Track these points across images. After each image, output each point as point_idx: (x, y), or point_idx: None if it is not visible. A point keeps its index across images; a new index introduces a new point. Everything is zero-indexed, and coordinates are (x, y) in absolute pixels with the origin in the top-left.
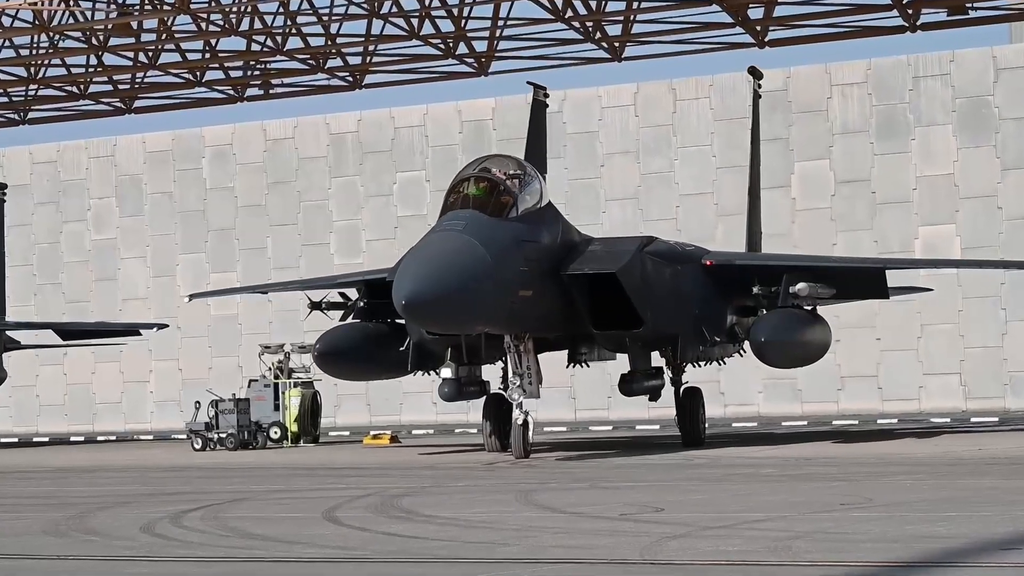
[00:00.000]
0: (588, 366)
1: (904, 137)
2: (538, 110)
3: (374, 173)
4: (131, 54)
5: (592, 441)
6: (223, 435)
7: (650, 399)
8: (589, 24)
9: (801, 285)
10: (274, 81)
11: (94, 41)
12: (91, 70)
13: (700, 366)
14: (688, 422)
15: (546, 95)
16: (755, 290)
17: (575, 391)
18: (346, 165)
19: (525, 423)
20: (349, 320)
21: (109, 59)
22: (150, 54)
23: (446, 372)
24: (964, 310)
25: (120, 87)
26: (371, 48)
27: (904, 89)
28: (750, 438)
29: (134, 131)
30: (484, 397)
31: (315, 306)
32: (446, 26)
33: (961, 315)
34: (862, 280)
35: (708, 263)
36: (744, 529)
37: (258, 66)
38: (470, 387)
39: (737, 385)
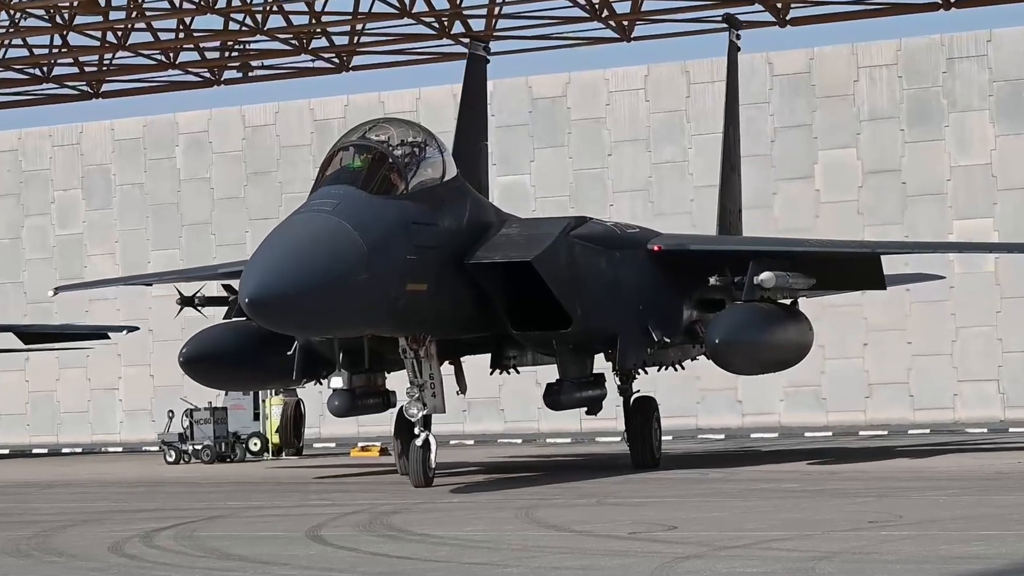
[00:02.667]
0: (518, 372)
1: (937, 123)
2: (475, 67)
3: None
4: (99, 34)
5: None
6: (198, 447)
7: (588, 412)
8: (596, 1)
9: (766, 275)
10: (254, 63)
11: (58, 19)
12: (55, 51)
13: (645, 372)
14: (638, 438)
15: (486, 48)
16: (713, 281)
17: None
18: None
19: (426, 444)
20: (234, 319)
21: (75, 39)
22: (119, 34)
23: (337, 382)
24: (1002, 311)
25: (87, 69)
26: (359, 27)
27: (937, 71)
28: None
29: (102, 117)
30: (390, 411)
31: (186, 301)
32: (440, 3)
33: (999, 317)
34: (850, 268)
35: (655, 248)
36: (764, 549)
37: (236, 47)
38: (368, 399)
39: (756, 392)
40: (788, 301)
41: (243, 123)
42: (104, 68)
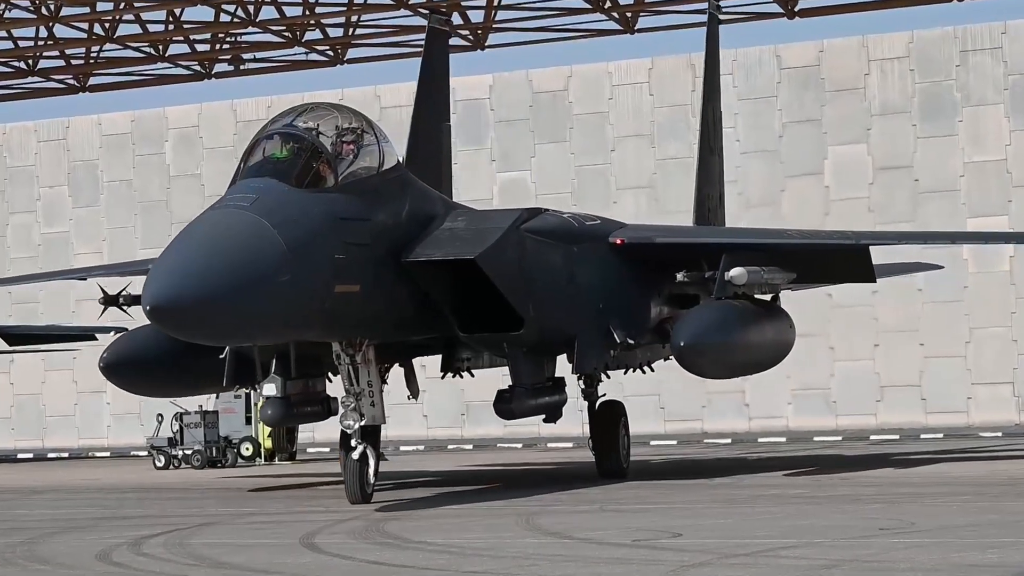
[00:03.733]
0: (472, 375)
1: (950, 118)
2: (436, 42)
3: None
4: (85, 25)
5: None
6: (188, 452)
7: (546, 420)
8: None
9: (737, 271)
10: (245, 56)
11: (44, 11)
12: (41, 43)
13: (607, 376)
14: (604, 445)
15: (447, 21)
16: (680, 277)
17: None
18: None
19: (363, 457)
20: None
21: (61, 31)
22: (107, 25)
23: (269, 388)
24: (1018, 312)
25: (73, 62)
26: (354, 19)
27: (950, 64)
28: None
29: (89, 112)
30: (330, 418)
31: (110, 301)
32: None
33: (1014, 317)
34: (835, 260)
35: (618, 242)
36: (772, 557)
37: (228, 39)
38: (305, 407)
39: (763, 396)
40: (769, 297)
41: (234, 118)
42: (91, 61)
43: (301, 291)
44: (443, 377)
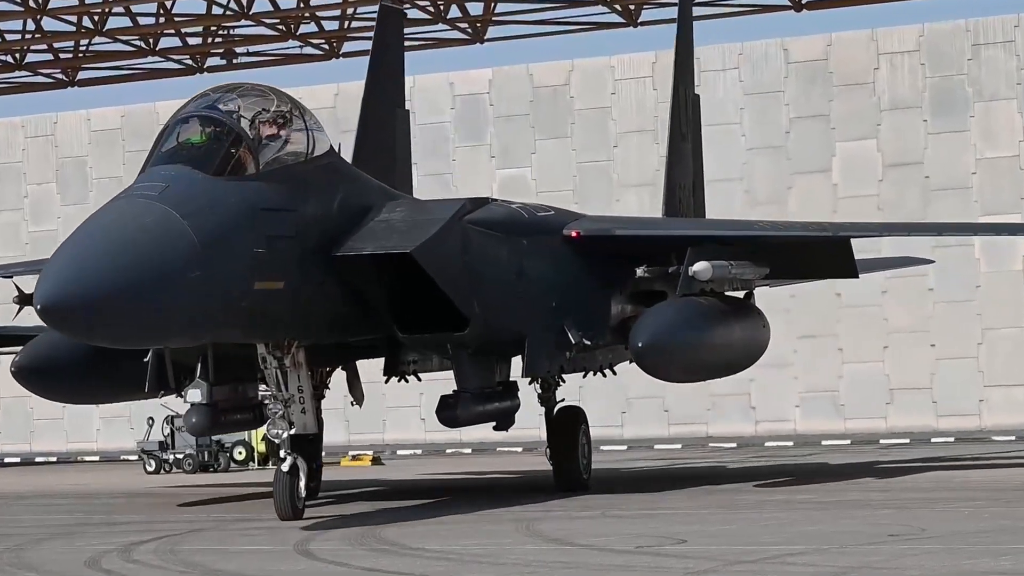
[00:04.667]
0: (419, 379)
1: (962, 113)
2: (388, 21)
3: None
4: (74, 18)
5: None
6: (180, 456)
7: (496, 428)
8: None
9: (700, 265)
10: (238, 49)
11: (31, 3)
12: (28, 36)
13: (562, 381)
14: (563, 455)
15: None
16: (640, 272)
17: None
18: None
19: (293, 469)
20: None
21: (49, 24)
22: (96, 18)
23: (194, 395)
24: None
25: (62, 56)
26: (350, 11)
27: (962, 58)
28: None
29: (78, 107)
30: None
31: (25, 300)
32: None
33: None
34: (813, 254)
35: (573, 234)
36: (779, 564)
37: (220, 32)
38: (234, 414)
39: (770, 398)
40: (742, 294)
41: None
42: (80, 55)
43: (215, 288)
44: (386, 381)
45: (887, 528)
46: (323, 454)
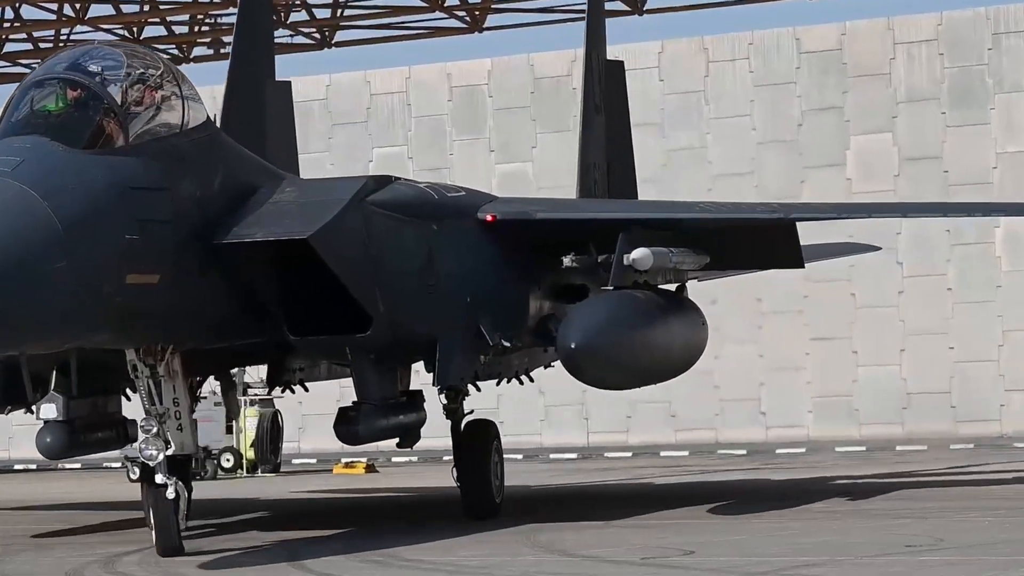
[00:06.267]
0: (306, 390)
1: (982, 105)
2: None
3: (346, 148)
4: (55, 6)
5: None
6: None
7: (400, 444)
8: None
9: (640, 252)
10: (226, 39)
11: None
12: (7, 25)
13: (477, 388)
14: (472, 475)
15: None
16: (567, 262)
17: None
18: (313, 139)
19: (175, 495)
20: None
21: (28, 12)
22: (78, 6)
23: (49, 410)
24: None
25: (42, 46)
26: None
27: (983, 48)
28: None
29: None
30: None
31: None
32: None
33: None
34: (756, 240)
35: (488, 218)
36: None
37: (207, 21)
38: (95, 432)
39: (781, 403)
40: (674, 286)
41: (214, 105)
42: (61, 44)
43: (82, 281)
44: (269, 393)
45: (904, 538)
46: (315, 461)
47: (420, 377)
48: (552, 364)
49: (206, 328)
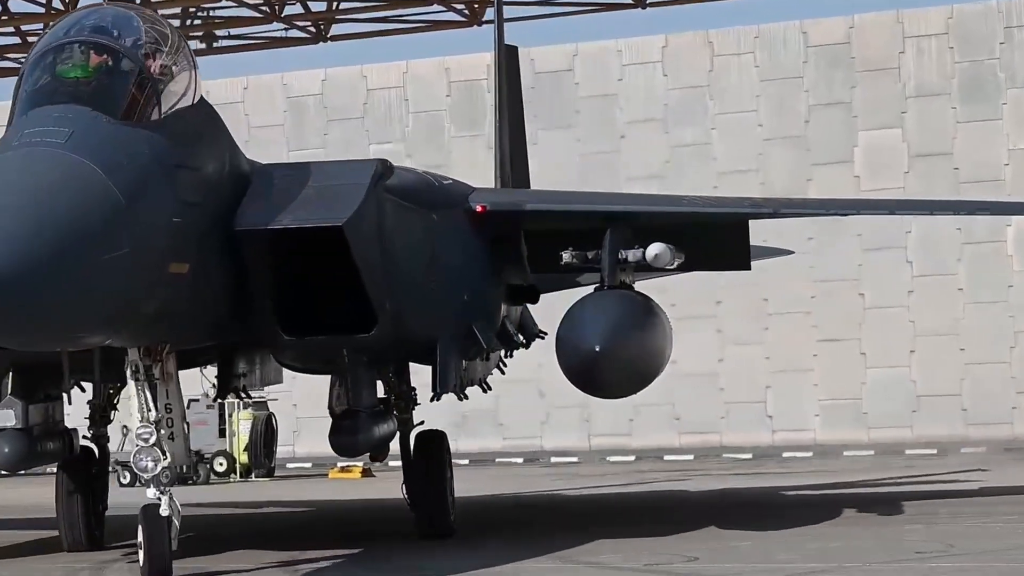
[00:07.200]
0: (250, 397)
1: (994, 101)
2: None
3: (342, 145)
4: None
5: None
6: None
7: (373, 457)
8: None
9: (658, 248)
10: (219, 32)
11: None
12: None
13: (465, 397)
14: (424, 491)
15: None
16: (568, 257)
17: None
18: (308, 135)
19: (169, 515)
20: None
21: (16, 5)
22: (67, 0)
23: (6, 416)
24: None
25: (29, 39)
26: None
27: (994, 41)
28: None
29: None
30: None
31: None
32: None
33: None
34: (717, 238)
35: (478, 208)
36: None
37: (199, 13)
38: (47, 442)
39: (788, 406)
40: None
41: (207, 100)
42: None
43: (138, 268)
44: (215, 400)
45: (914, 544)
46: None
47: None
48: (493, 372)
49: (204, 325)
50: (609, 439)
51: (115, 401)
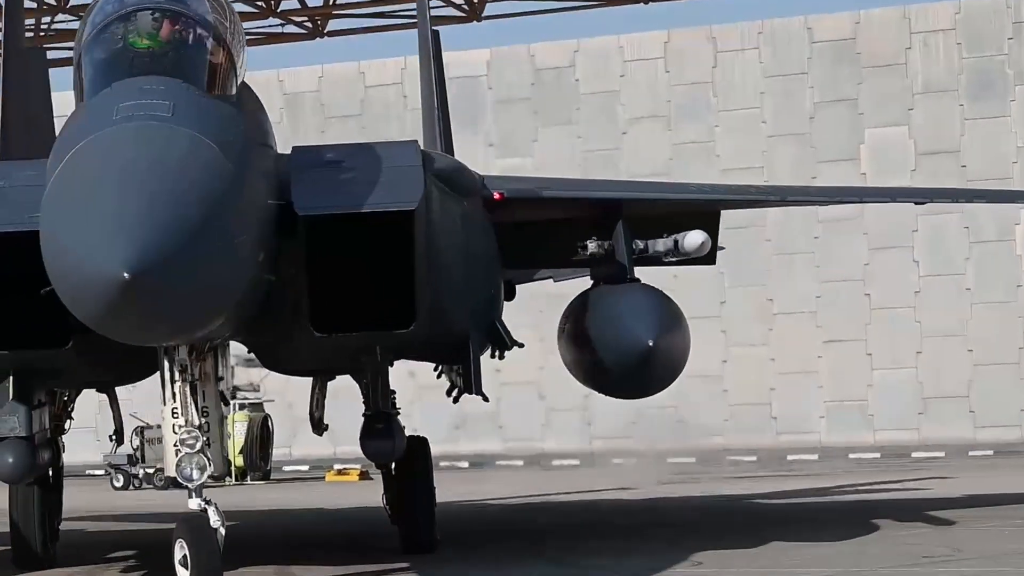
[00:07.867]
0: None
1: (1002, 97)
2: None
3: (340, 142)
4: None
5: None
6: (150, 470)
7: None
8: None
9: (697, 235)
10: None
11: None
12: None
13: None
14: (407, 503)
15: None
16: (592, 247)
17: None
18: (304, 132)
19: (217, 527)
20: None
21: None
22: None
23: (10, 423)
24: None
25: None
26: None
27: (1002, 38)
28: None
29: None
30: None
31: None
32: None
33: None
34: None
35: (496, 196)
36: None
37: None
38: (45, 451)
39: (793, 408)
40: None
41: None
42: (42, 34)
43: (247, 255)
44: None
45: (921, 549)
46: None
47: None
48: None
49: (247, 319)
50: (610, 441)
51: (69, 409)
